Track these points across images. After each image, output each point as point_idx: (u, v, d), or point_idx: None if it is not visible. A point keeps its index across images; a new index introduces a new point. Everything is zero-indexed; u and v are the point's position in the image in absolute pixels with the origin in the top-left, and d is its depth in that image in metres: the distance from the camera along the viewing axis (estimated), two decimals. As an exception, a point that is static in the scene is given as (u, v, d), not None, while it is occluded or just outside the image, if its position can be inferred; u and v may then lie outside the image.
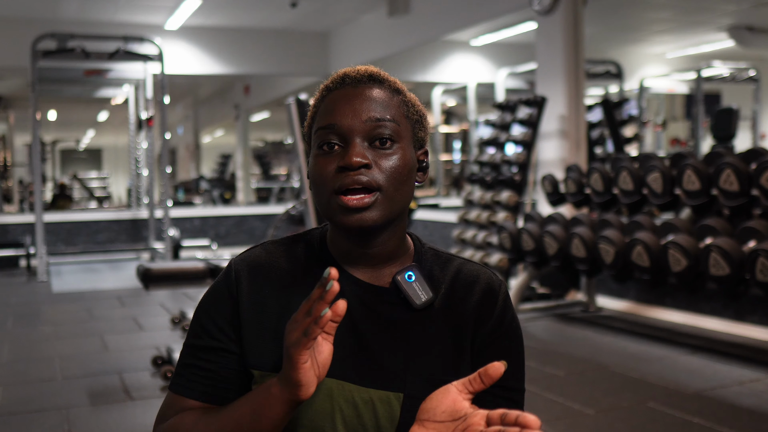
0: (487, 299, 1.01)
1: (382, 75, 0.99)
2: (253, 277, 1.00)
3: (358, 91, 0.96)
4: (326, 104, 0.98)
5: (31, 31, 8.13)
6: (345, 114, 0.94)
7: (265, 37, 10.07)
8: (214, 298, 1.02)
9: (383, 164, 0.94)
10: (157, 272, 3.92)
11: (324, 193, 0.95)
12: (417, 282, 0.97)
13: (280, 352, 0.95)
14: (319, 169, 0.95)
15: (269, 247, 1.04)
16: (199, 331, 1.00)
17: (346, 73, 0.99)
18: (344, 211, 0.93)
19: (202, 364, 0.99)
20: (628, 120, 6.82)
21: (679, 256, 3.91)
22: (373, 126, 0.94)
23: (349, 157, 0.92)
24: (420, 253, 1.04)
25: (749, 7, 8.63)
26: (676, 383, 3.65)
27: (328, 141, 0.95)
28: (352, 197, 0.92)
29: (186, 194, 14.94)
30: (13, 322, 5.53)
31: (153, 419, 1.03)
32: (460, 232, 6.20)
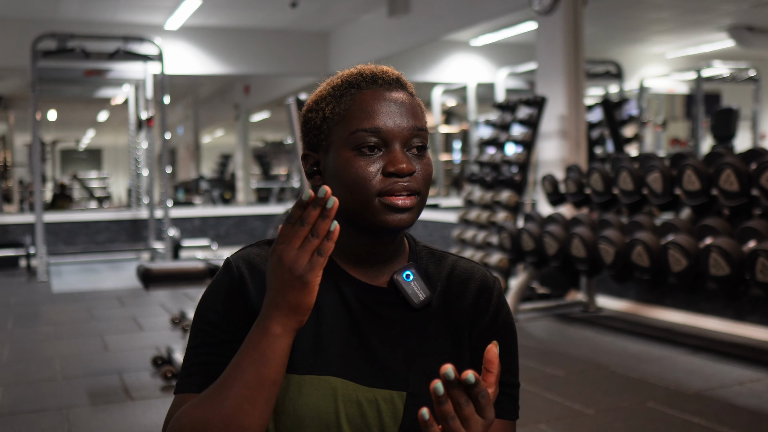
0: (483, 296, 1.04)
1: (404, 79, 1.01)
2: (254, 274, 0.99)
3: (394, 95, 0.97)
4: (360, 104, 0.97)
5: (31, 31, 8.13)
6: (388, 118, 0.95)
7: (265, 37, 10.07)
8: (218, 293, 0.99)
9: (421, 170, 0.97)
10: (157, 272, 3.92)
11: (363, 195, 0.94)
12: (415, 281, 0.98)
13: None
14: (360, 170, 0.94)
15: (266, 246, 1.03)
16: (208, 329, 0.97)
17: (375, 73, 0.99)
18: (389, 210, 0.94)
19: (215, 359, 0.96)
20: (628, 120, 6.82)
21: (679, 256, 3.91)
22: (414, 134, 0.96)
23: (399, 162, 0.94)
24: (415, 251, 1.06)
25: (749, 7, 8.63)
26: (676, 383, 3.65)
27: (370, 144, 0.95)
28: (398, 197, 0.94)
29: (186, 194, 14.94)
30: (13, 322, 5.53)
31: (153, 419, 1.02)
32: (460, 232, 6.20)
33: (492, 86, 9.65)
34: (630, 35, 10.17)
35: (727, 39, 9.97)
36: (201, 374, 0.96)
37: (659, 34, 10.07)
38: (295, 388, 0.95)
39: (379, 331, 0.99)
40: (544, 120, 5.79)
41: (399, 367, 0.98)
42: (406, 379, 0.97)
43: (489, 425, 0.80)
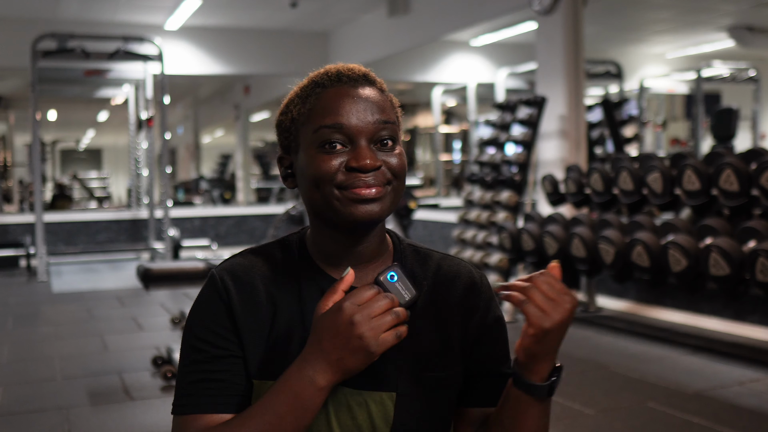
0: (472, 293, 1.05)
1: (372, 75, 1.01)
2: (239, 285, 0.98)
3: (358, 91, 0.97)
4: (325, 102, 0.96)
5: (31, 31, 8.13)
6: (351, 114, 0.95)
7: (265, 37, 10.07)
8: (207, 308, 0.98)
9: (390, 162, 0.96)
10: (157, 272, 3.92)
11: (326, 189, 0.94)
12: (400, 281, 0.97)
13: (275, 361, 0.96)
14: (322, 165, 0.94)
15: (249, 256, 1.02)
16: (200, 345, 0.97)
17: (340, 70, 0.99)
18: (354, 202, 0.94)
19: (213, 375, 0.95)
20: (628, 120, 6.82)
21: (679, 256, 3.91)
22: (379, 128, 0.96)
23: (362, 158, 0.93)
24: (399, 250, 1.05)
25: (749, 7, 8.63)
26: (676, 383, 3.65)
27: (333, 140, 0.94)
28: (362, 189, 0.93)
29: (186, 194, 14.94)
30: (13, 322, 5.53)
31: (153, 419, 1.02)
32: (460, 232, 6.19)
33: (492, 86, 9.65)
34: (630, 35, 10.17)
35: (727, 39, 9.97)
36: (201, 393, 0.95)
37: (659, 34, 10.07)
38: None
39: None
40: (544, 120, 5.79)
41: (387, 368, 0.97)
42: (395, 379, 0.97)
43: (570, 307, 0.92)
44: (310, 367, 0.88)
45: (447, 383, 1.01)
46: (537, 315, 0.90)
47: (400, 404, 0.97)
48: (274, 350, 0.96)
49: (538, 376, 0.94)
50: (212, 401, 0.95)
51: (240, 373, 0.96)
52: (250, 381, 0.97)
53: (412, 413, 0.97)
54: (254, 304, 0.98)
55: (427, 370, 0.98)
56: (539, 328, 0.90)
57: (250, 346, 0.96)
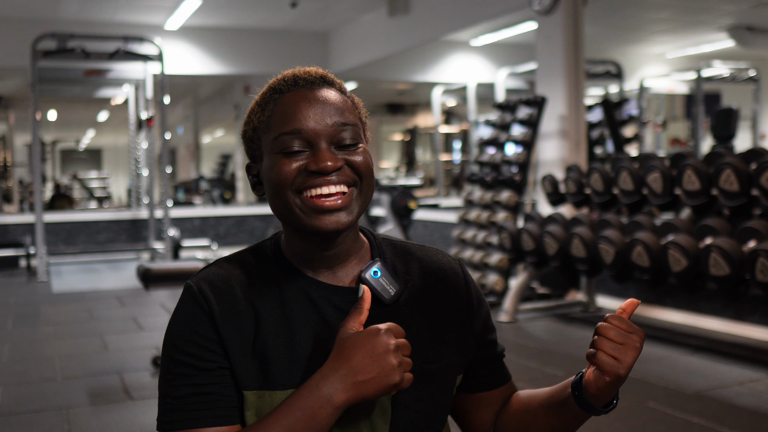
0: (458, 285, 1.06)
1: (331, 76, 1.00)
2: (218, 295, 0.96)
3: (316, 93, 0.96)
4: (282, 107, 0.95)
5: (31, 31, 8.13)
6: (308, 118, 0.94)
7: (265, 37, 10.07)
8: (188, 321, 0.95)
9: (353, 161, 0.95)
10: (157, 272, 3.92)
11: (286, 195, 0.94)
12: (383, 277, 0.97)
13: (263, 370, 0.94)
14: (281, 170, 0.93)
15: (224, 265, 1.00)
16: (185, 358, 0.93)
17: (296, 74, 0.98)
18: (318, 212, 0.93)
19: (203, 389, 0.93)
20: (628, 120, 6.82)
21: (679, 256, 3.91)
22: (339, 130, 0.94)
23: (322, 161, 0.92)
24: (375, 246, 1.05)
25: (749, 7, 8.63)
26: (676, 383, 3.65)
27: (292, 146, 0.93)
28: (326, 199, 0.93)
29: (186, 194, 14.93)
30: (13, 322, 5.53)
31: (153, 419, 1.01)
32: (460, 232, 6.19)
33: (492, 86, 9.65)
34: (630, 35, 10.17)
35: (727, 39, 9.97)
36: (192, 408, 0.92)
37: (659, 34, 10.08)
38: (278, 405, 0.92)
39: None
40: (544, 120, 5.79)
41: None
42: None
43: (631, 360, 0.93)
44: (330, 384, 0.88)
45: (440, 374, 1.01)
46: (610, 364, 0.93)
47: (397, 399, 0.97)
48: (261, 359, 0.94)
49: (603, 402, 0.99)
50: (205, 414, 0.92)
51: (229, 385, 0.94)
52: (239, 392, 0.95)
53: (409, 407, 0.98)
54: (236, 314, 0.95)
55: (419, 363, 0.98)
56: (615, 375, 0.93)
57: (235, 357, 0.94)
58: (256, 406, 0.94)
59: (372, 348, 0.87)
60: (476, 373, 1.09)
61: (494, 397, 1.11)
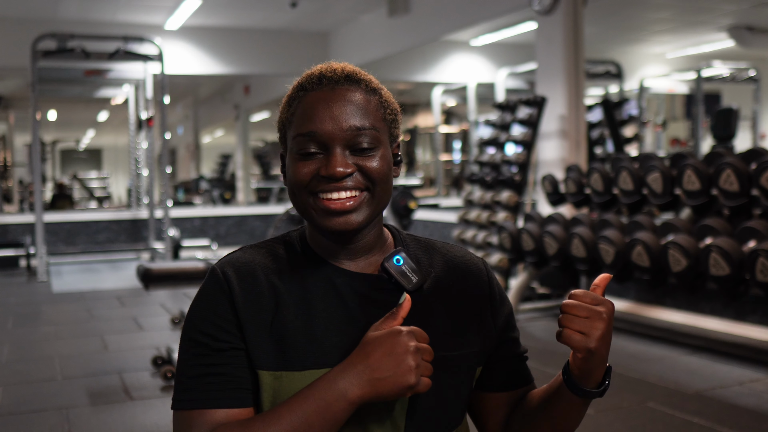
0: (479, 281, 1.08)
1: (359, 75, 0.99)
2: (241, 277, 0.98)
3: (337, 94, 0.96)
4: (304, 107, 0.97)
5: (31, 31, 8.13)
6: (325, 121, 0.94)
7: (265, 37, 10.07)
8: (208, 301, 0.98)
9: (366, 166, 0.95)
10: (157, 272, 3.92)
11: (301, 195, 0.96)
12: (406, 265, 0.99)
13: (281, 351, 0.95)
14: (296, 173, 0.96)
15: (249, 250, 1.02)
16: (202, 338, 0.96)
17: (322, 72, 0.98)
18: (327, 213, 0.95)
19: (217, 369, 0.94)
20: (628, 120, 6.82)
21: (679, 256, 3.91)
22: (354, 134, 0.95)
23: (332, 167, 0.93)
24: (399, 240, 1.06)
25: (749, 7, 8.63)
26: (676, 383, 3.65)
27: (308, 148, 0.95)
28: (335, 201, 0.94)
29: (186, 194, 14.93)
30: (13, 322, 5.53)
31: (153, 419, 1.02)
32: (460, 232, 6.20)
33: (492, 86, 9.65)
34: (630, 35, 10.17)
35: (727, 39, 9.97)
36: (206, 388, 0.94)
37: (659, 34, 10.07)
38: (296, 386, 0.93)
39: (375, 315, 0.98)
40: (544, 120, 5.79)
41: None
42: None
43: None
44: (346, 379, 0.89)
45: (459, 363, 1.02)
46: (577, 339, 0.92)
47: None
48: (279, 340, 0.95)
49: (593, 383, 0.97)
50: (218, 395, 0.94)
51: (242, 367, 0.95)
52: (253, 374, 0.96)
53: (428, 394, 0.98)
54: (256, 295, 0.97)
55: (437, 350, 0.98)
56: (585, 350, 0.92)
57: (253, 337, 0.95)
58: (273, 387, 0.95)
59: (392, 347, 0.88)
60: (497, 372, 1.09)
61: (514, 399, 1.11)
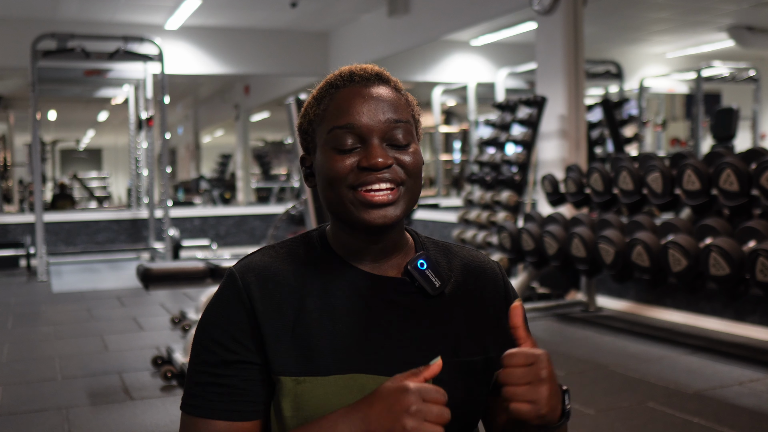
0: (496, 284, 1.09)
1: (386, 74, 1.01)
2: (262, 282, 0.97)
3: (370, 90, 0.98)
4: (338, 102, 0.97)
5: (31, 31, 8.13)
6: (362, 114, 0.96)
7: (265, 37, 10.07)
8: (223, 308, 0.97)
9: (404, 160, 0.97)
10: (157, 272, 3.92)
11: (339, 190, 0.96)
12: (429, 269, 1.00)
13: (304, 356, 0.95)
14: (334, 166, 0.95)
15: (268, 252, 1.02)
16: (212, 346, 0.96)
17: (353, 71, 1.00)
18: (367, 206, 0.95)
19: (221, 380, 0.95)
20: (628, 120, 6.83)
21: (679, 256, 3.91)
22: (391, 127, 0.96)
23: (373, 157, 0.94)
24: (419, 243, 1.07)
25: (749, 7, 8.63)
26: (676, 383, 3.65)
27: (345, 140, 0.96)
28: (375, 193, 0.95)
29: (186, 194, 14.93)
30: (13, 322, 5.53)
31: (153, 419, 1.03)
32: (460, 232, 6.19)
33: (492, 86, 9.65)
34: (630, 35, 10.16)
35: (727, 39, 9.97)
36: (210, 398, 0.95)
37: (659, 34, 10.07)
38: (320, 391, 0.94)
39: (399, 319, 0.99)
40: (544, 120, 5.79)
41: (420, 353, 0.98)
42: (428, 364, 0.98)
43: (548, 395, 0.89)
44: (346, 424, 0.88)
45: (478, 367, 1.03)
46: (527, 410, 0.88)
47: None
48: (302, 345, 0.95)
49: (553, 421, 0.94)
50: (221, 407, 0.94)
51: (252, 380, 0.95)
52: (264, 387, 0.96)
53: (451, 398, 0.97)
54: (278, 300, 0.96)
55: (458, 355, 1.00)
56: (537, 417, 0.89)
57: (274, 344, 0.95)
58: (295, 392, 0.94)
59: (392, 404, 0.86)
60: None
61: None
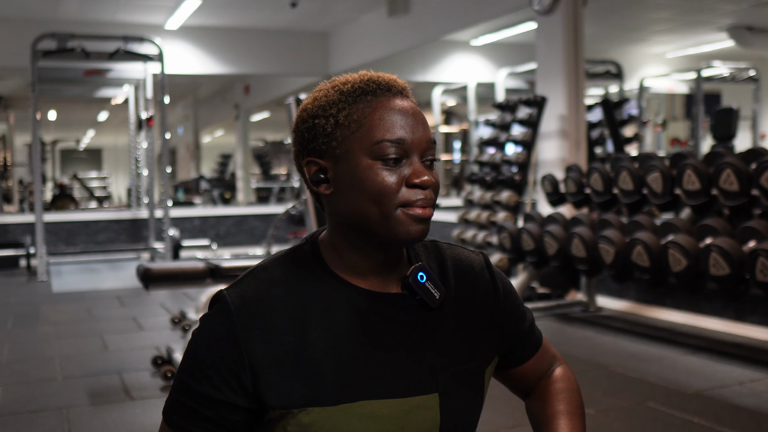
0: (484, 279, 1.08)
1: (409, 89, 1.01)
2: (258, 314, 0.93)
3: (409, 106, 0.96)
4: (381, 113, 0.94)
5: (31, 31, 8.13)
6: (409, 129, 0.94)
7: (265, 37, 10.07)
8: (213, 342, 0.93)
9: (435, 181, 0.97)
10: (157, 272, 3.92)
11: (387, 205, 0.92)
12: (429, 281, 0.98)
13: (308, 384, 0.92)
14: (385, 181, 0.92)
15: (261, 275, 0.97)
16: (199, 375, 0.93)
17: (388, 82, 0.97)
18: (412, 221, 0.93)
19: (202, 412, 0.93)
20: (628, 120, 6.82)
21: (679, 256, 3.91)
22: (429, 147, 0.96)
23: (422, 174, 0.93)
24: (412, 253, 1.05)
25: (749, 7, 8.63)
26: (676, 383, 3.65)
27: (393, 155, 0.93)
28: (419, 209, 0.94)
29: (186, 194, 14.93)
30: (13, 322, 5.53)
31: (153, 419, 1.03)
32: (460, 232, 6.20)
33: (492, 86, 9.65)
34: (630, 35, 10.16)
35: (727, 39, 9.97)
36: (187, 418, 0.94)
37: (659, 34, 10.07)
38: (328, 421, 0.92)
39: (402, 337, 0.97)
40: (544, 120, 5.79)
41: (426, 370, 0.97)
42: (434, 380, 0.98)
43: None
44: None
45: (477, 371, 1.03)
46: None
47: (444, 404, 0.98)
48: (304, 375, 0.92)
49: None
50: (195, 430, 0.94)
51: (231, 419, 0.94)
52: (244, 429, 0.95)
53: (457, 410, 0.99)
54: (275, 331, 0.93)
55: (458, 365, 1.00)
56: None
57: (271, 378, 0.92)
58: (301, 424, 0.92)
59: None
60: (513, 350, 1.12)
61: (528, 371, 1.15)
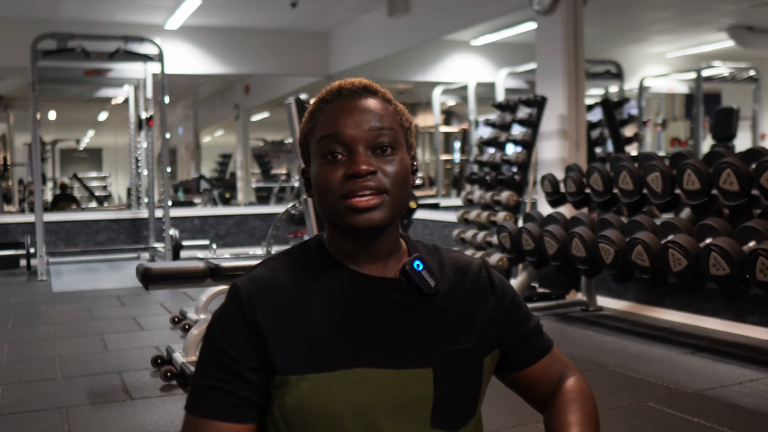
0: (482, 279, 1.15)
1: (375, 86, 1.08)
2: (265, 294, 1.03)
3: (356, 102, 1.04)
4: (326, 115, 1.04)
5: (31, 31, 8.12)
6: (347, 124, 1.02)
7: (265, 37, 10.07)
8: (227, 321, 1.03)
9: (387, 169, 1.02)
10: (157, 272, 3.92)
11: (330, 199, 1.02)
12: (425, 270, 1.06)
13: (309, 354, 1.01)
14: (325, 177, 1.02)
15: (271, 264, 1.08)
16: (217, 353, 1.02)
17: (341, 85, 1.06)
18: (353, 212, 1.00)
19: (223, 386, 1.01)
20: (628, 120, 6.83)
21: (679, 256, 3.91)
22: (375, 135, 1.02)
23: (356, 165, 1.00)
24: (412, 246, 1.14)
25: (749, 7, 8.63)
26: (676, 383, 3.65)
27: (333, 150, 1.02)
28: (360, 199, 1.00)
29: (186, 194, 14.93)
30: (13, 322, 5.53)
31: (153, 419, 1.05)
32: (460, 231, 6.20)
33: (492, 86, 9.65)
34: (630, 35, 10.17)
35: (727, 39, 9.97)
36: (214, 401, 1.01)
37: (659, 34, 10.08)
38: (326, 386, 0.99)
39: (398, 315, 1.05)
40: (544, 120, 5.79)
41: (421, 346, 1.04)
42: (429, 356, 1.04)
43: None
44: None
45: (472, 354, 1.09)
46: None
47: (438, 379, 1.03)
48: (307, 346, 1.01)
49: None
50: (223, 409, 1.00)
51: (251, 385, 1.01)
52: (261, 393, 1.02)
53: (451, 386, 1.05)
54: (281, 308, 1.02)
55: (453, 344, 1.06)
56: None
57: (278, 349, 1.01)
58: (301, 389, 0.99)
59: None
60: (519, 352, 1.17)
61: (537, 375, 1.19)
